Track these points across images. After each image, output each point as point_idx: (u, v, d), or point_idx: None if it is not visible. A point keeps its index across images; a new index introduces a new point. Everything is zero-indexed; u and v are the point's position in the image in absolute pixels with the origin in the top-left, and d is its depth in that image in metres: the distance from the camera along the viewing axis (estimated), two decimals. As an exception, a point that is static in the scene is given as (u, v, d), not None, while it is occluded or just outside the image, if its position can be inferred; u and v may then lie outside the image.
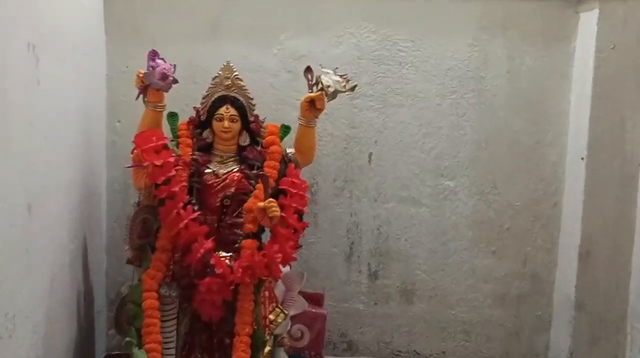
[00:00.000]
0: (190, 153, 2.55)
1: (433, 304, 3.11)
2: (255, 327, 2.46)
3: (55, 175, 2.25)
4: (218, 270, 2.40)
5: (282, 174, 2.56)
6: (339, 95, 2.54)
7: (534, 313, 3.11)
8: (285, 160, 2.59)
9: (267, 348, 2.53)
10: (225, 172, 2.54)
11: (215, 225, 2.52)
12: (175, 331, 2.48)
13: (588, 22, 2.87)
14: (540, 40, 3.00)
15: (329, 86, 2.50)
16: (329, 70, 2.53)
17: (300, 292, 2.76)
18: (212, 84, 2.58)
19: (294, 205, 2.49)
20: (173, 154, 2.46)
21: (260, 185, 2.48)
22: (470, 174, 3.06)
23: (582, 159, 2.87)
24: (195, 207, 2.47)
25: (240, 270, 2.41)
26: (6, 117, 1.80)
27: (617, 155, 2.80)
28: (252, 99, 2.60)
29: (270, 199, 2.43)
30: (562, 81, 3.01)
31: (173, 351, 2.46)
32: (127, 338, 2.45)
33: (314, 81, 2.52)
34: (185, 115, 2.64)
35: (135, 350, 2.40)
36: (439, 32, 2.99)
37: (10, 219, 1.84)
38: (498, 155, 3.05)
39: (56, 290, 2.27)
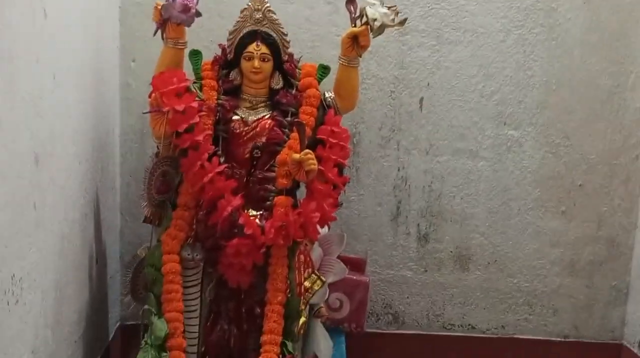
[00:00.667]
0: (215, 97, 2.55)
1: (492, 272, 3.12)
2: (289, 295, 2.48)
3: (64, 121, 2.27)
4: (247, 231, 2.40)
5: (320, 121, 2.55)
6: (386, 30, 2.51)
7: (609, 283, 3.11)
8: (323, 105, 2.58)
9: (302, 319, 2.55)
10: (255, 119, 2.54)
11: (244, 179, 2.52)
12: (199, 298, 2.50)
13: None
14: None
15: (375, 19, 2.47)
16: (375, 1, 2.50)
17: (339, 257, 2.77)
18: (240, 18, 2.56)
19: (334, 157, 2.49)
20: (196, 98, 2.46)
21: (295, 134, 2.47)
22: (538, 122, 3.03)
23: (672, 104, 2.83)
24: (222, 159, 2.48)
25: (272, 230, 2.42)
26: (10, 54, 1.81)
27: None
28: (286, 34, 2.57)
29: (307, 150, 2.42)
30: (647, 9, 2.96)
31: (197, 321, 2.49)
32: (145, 306, 2.49)
33: (357, 14, 2.49)
34: (210, 53, 2.63)
35: (155, 319, 2.43)
36: (505, -41, 2.96)
37: (17, 170, 1.86)
38: (571, 101, 3.02)
39: (66, 251, 2.31)
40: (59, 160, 2.23)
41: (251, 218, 2.45)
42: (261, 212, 2.49)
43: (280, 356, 2.41)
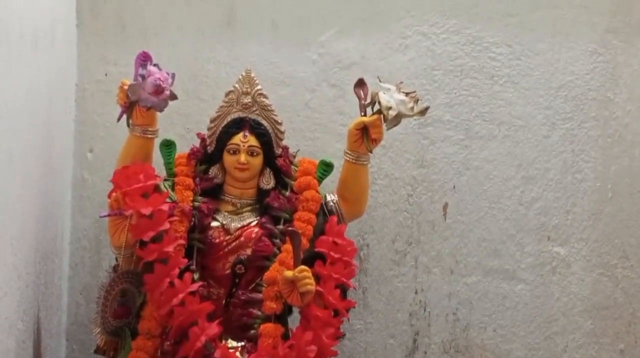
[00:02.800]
0: (191, 198, 2.56)
1: None
2: None
3: (2, 225, 2.28)
4: (225, 367, 2.41)
5: (319, 230, 2.56)
6: (403, 120, 2.56)
7: None
8: (324, 211, 2.60)
9: None
10: (239, 226, 2.56)
11: (223, 302, 2.53)
12: None
13: None
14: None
15: (389, 107, 2.51)
16: (390, 86, 2.54)
17: (342, 402, 2.76)
18: (225, 102, 2.61)
19: (336, 275, 2.49)
20: (167, 200, 2.48)
21: (288, 247, 2.49)
22: (590, 237, 3.03)
23: None
24: (196, 276, 2.48)
25: (257, 370, 2.42)
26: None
27: None
28: (280, 123, 2.62)
29: (303, 267, 2.43)
30: None
31: None
32: None
33: (368, 100, 2.53)
34: (186, 145, 2.66)
35: None
36: (549, 33, 3.00)
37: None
38: (631, 211, 3.03)
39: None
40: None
41: (230, 351, 2.44)
42: (243, 344, 2.49)
43: None
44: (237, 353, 2.44)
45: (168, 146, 2.63)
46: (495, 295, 3.06)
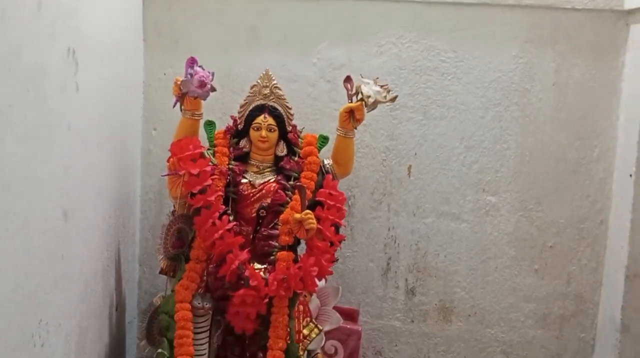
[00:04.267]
0: (226, 162, 2.56)
1: (472, 323, 3.08)
2: (289, 342, 2.45)
3: (91, 181, 2.28)
4: (252, 282, 2.39)
5: (319, 185, 2.55)
6: (378, 105, 2.54)
7: (577, 335, 3.06)
8: (322, 171, 2.59)
9: (300, 365, 2.53)
10: (261, 182, 2.55)
11: (251, 236, 2.52)
12: (207, 344, 2.47)
13: (639, 34, 2.84)
14: (588, 53, 2.96)
15: (369, 96, 2.50)
16: (369, 81, 2.53)
17: (335, 307, 2.75)
18: (250, 93, 2.60)
19: (331, 217, 2.49)
20: (209, 163, 2.48)
21: (296, 197, 2.48)
22: (513, 189, 3.03)
23: (631, 175, 2.82)
24: (231, 218, 2.47)
25: (275, 282, 2.40)
26: (46, 121, 1.82)
27: (668, 172, 2.78)
28: (290, 108, 2.60)
29: (307, 211, 2.43)
30: (611, 96, 2.96)
31: (205, 366, 2.47)
32: (159, 350, 2.47)
33: (353, 91, 2.52)
34: (223, 123, 2.65)
35: (167, 362, 2.42)
36: (484, 43, 2.97)
37: (47, 224, 1.86)
38: (542, 171, 3.02)
39: (89, 299, 2.29)
40: (86, 217, 2.23)
41: (256, 271, 2.44)
42: (265, 266, 2.48)
43: (281, 398, 2.37)
44: (261, 273, 2.44)
45: (210, 125, 2.64)
46: (445, 231, 3.06)
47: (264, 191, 2.54)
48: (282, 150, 2.59)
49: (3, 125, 1.56)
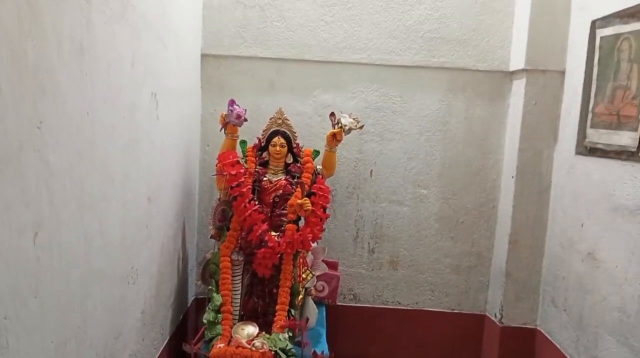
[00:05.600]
0: (254, 167, 2.57)
1: (411, 271, 3.09)
2: (293, 282, 2.47)
3: (166, 179, 2.29)
4: (270, 244, 2.41)
5: (313, 182, 2.56)
6: (352, 131, 2.56)
7: (478, 279, 3.08)
8: (315, 173, 2.59)
9: (300, 296, 2.53)
10: (276, 179, 2.56)
11: (269, 214, 2.53)
12: (240, 283, 2.49)
13: (518, 86, 2.86)
14: (486, 98, 2.98)
15: (345, 125, 2.53)
16: (346, 115, 2.55)
17: (323, 260, 2.76)
18: (269, 122, 2.61)
19: (321, 202, 2.51)
20: (243, 167, 2.49)
21: (299, 189, 2.50)
22: (437, 185, 3.04)
23: (513, 177, 2.85)
24: (256, 202, 2.49)
25: (284, 244, 2.43)
26: (137, 139, 1.84)
27: (535, 174, 2.81)
28: (295, 132, 2.62)
29: (305, 198, 2.45)
30: (500, 125, 2.98)
31: (239, 296, 2.47)
32: (209, 287, 2.49)
33: (336, 121, 2.54)
34: (252, 142, 2.65)
35: (214, 294, 2.42)
36: (419, 91, 2.98)
37: (137, 205, 1.88)
38: (456, 174, 3.03)
39: (164, 254, 2.31)
40: (163, 201, 2.24)
41: (272, 236, 2.45)
42: (278, 233, 2.49)
43: (287, 317, 2.38)
44: (275, 238, 2.44)
45: (243, 143, 2.64)
46: (394, 212, 3.06)
47: (277, 185, 2.55)
48: (289, 159, 2.61)
49: (109, 141, 1.58)
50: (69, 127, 1.31)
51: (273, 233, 2.48)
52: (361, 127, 2.57)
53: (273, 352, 2.12)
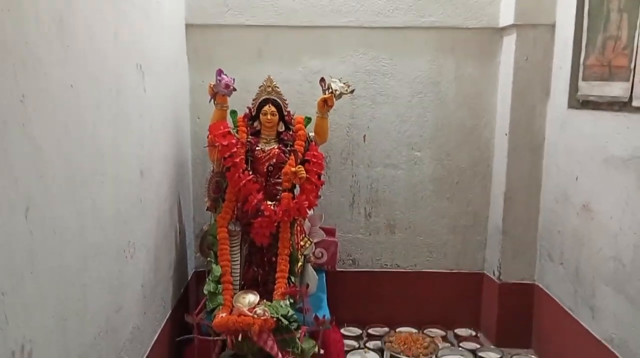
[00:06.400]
0: (245, 137, 2.53)
1: (408, 233, 3.10)
2: (291, 250, 2.47)
3: (157, 152, 2.26)
4: (266, 213, 2.40)
5: (306, 149, 2.53)
6: (343, 96, 2.52)
7: (475, 238, 3.10)
8: (308, 140, 2.55)
9: (299, 263, 2.54)
10: (269, 148, 2.53)
11: (264, 184, 2.51)
12: (239, 253, 2.48)
13: (509, 43, 2.82)
14: (477, 56, 2.94)
15: (336, 90, 2.49)
16: (336, 80, 2.51)
17: (320, 227, 2.77)
18: (258, 91, 2.56)
19: (315, 169, 2.48)
20: (234, 138, 2.46)
21: (292, 157, 2.47)
22: (431, 147, 3.03)
23: (506, 134, 2.84)
24: (250, 172, 2.46)
25: (280, 212, 2.41)
26: (126, 113, 1.81)
27: (528, 131, 2.81)
28: (285, 100, 2.57)
29: (299, 166, 2.43)
30: (492, 83, 2.96)
31: (238, 266, 2.47)
32: (208, 258, 2.49)
33: (326, 87, 2.50)
34: (242, 112, 2.61)
35: (213, 266, 2.42)
36: (409, 53, 2.94)
37: (129, 179, 1.86)
38: (449, 134, 3.02)
39: (160, 228, 2.29)
40: (155, 175, 2.22)
41: (268, 205, 2.44)
42: (274, 202, 2.48)
43: (287, 285, 2.39)
44: (271, 207, 2.43)
45: (234, 113, 2.59)
46: (390, 176, 3.05)
47: (270, 154, 2.52)
48: (281, 127, 2.57)
49: (96, 116, 1.55)
50: (53, 101, 1.28)
51: (269, 202, 2.46)
52: (352, 92, 2.54)
53: (275, 319, 2.13)
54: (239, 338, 2.09)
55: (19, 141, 1.13)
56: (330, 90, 2.49)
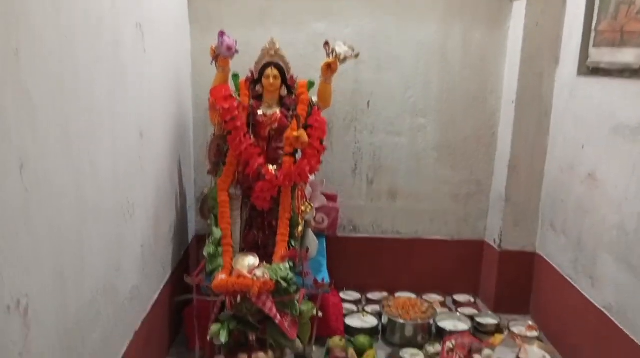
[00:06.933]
0: (247, 101, 2.50)
1: (410, 201, 3.09)
2: (292, 214, 2.46)
3: (157, 113, 2.23)
4: (267, 177, 2.39)
5: (309, 114, 2.50)
6: (347, 60, 2.48)
7: (477, 206, 3.09)
8: (311, 105, 2.52)
9: (300, 228, 2.53)
10: (271, 113, 2.49)
11: (265, 148, 2.49)
12: (239, 217, 2.48)
13: (519, 8, 2.75)
14: (485, 22, 2.87)
15: (340, 54, 2.45)
16: (340, 43, 2.45)
17: (321, 193, 2.76)
18: (261, 54, 2.51)
19: (317, 134, 2.46)
20: (236, 101, 2.43)
21: (294, 121, 2.44)
22: (436, 114, 2.98)
23: (512, 102, 2.79)
24: (251, 136, 2.45)
25: (282, 177, 2.40)
26: (124, 72, 1.78)
27: (536, 99, 2.76)
28: (288, 63, 2.52)
29: (301, 130, 2.40)
30: (500, 50, 2.89)
31: (238, 230, 2.47)
32: (209, 221, 2.49)
33: (330, 51, 2.45)
34: (244, 75, 2.57)
35: (214, 228, 2.42)
36: (415, 17, 2.87)
37: (128, 140, 1.84)
38: (454, 101, 2.97)
39: (160, 190, 2.28)
40: (155, 136, 2.21)
41: (270, 170, 2.42)
42: (275, 167, 2.46)
43: (287, 248, 2.39)
44: (273, 171, 2.42)
45: (236, 76, 2.56)
46: (392, 143, 3.02)
47: (272, 119, 2.49)
48: (284, 91, 2.53)
49: (93, 76, 1.52)
50: (47, 56, 1.25)
51: (270, 166, 2.44)
52: (357, 56, 2.49)
53: (274, 281, 2.14)
54: (238, 300, 2.10)
55: (12, 95, 1.11)
56: (334, 54, 2.44)
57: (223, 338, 2.12)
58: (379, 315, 2.77)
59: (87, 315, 1.50)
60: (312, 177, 2.59)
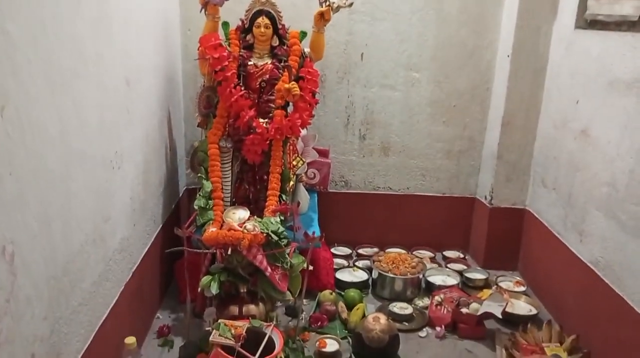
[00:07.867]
0: (238, 51, 2.43)
1: (402, 156, 3.08)
2: (284, 169, 2.45)
3: (145, 62, 2.17)
4: (258, 130, 2.35)
5: (301, 65, 2.44)
6: (341, 9, 2.41)
7: (469, 163, 3.09)
8: (303, 56, 2.47)
9: (291, 183, 2.52)
10: (262, 64, 2.44)
11: (256, 100, 2.44)
12: (230, 171, 2.46)
13: (518, -43, 2.67)
14: (483, -28, 2.80)
15: (334, 2, 2.38)
16: (333, -8, 2.39)
17: (313, 148, 2.73)
18: (252, 1, 2.43)
19: (309, 87, 2.41)
20: (226, 51, 2.36)
21: (286, 73, 2.39)
22: (430, 68, 2.94)
23: (508, 56, 2.74)
24: (242, 88, 2.39)
25: (273, 130, 2.36)
26: (109, 17, 1.71)
27: (532, 53, 2.71)
28: (280, 12, 2.45)
29: (293, 82, 2.36)
30: (497, 2, 2.82)
31: (229, 183, 2.45)
32: (199, 174, 2.46)
33: (323, 0, 2.38)
34: (234, 23, 2.50)
35: (204, 182, 2.40)
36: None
37: (114, 87, 1.79)
38: (449, 55, 2.92)
39: (149, 142, 2.25)
40: (143, 86, 2.16)
41: (260, 123, 2.39)
42: (266, 120, 2.42)
43: (278, 202, 2.39)
44: (264, 124, 2.39)
45: (226, 25, 2.49)
46: (386, 97, 2.98)
47: (264, 70, 2.43)
48: (275, 41, 2.46)
49: (75, 13, 1.46)
50: (27, -6, 1.19)
51: (261, 119, 2.40)
52: (350, 5, 2.42)
53: (265, 234, 2.13)
54: (229, 252, 2.10)
55: (-10, 33, 1.06)
56: (327, 3, 2.38)
57: (214, 290, 2.13)
58: (369, 270, 2.80)
59: (76, 264, 1.50)
60: (303, 131, 2.55)
